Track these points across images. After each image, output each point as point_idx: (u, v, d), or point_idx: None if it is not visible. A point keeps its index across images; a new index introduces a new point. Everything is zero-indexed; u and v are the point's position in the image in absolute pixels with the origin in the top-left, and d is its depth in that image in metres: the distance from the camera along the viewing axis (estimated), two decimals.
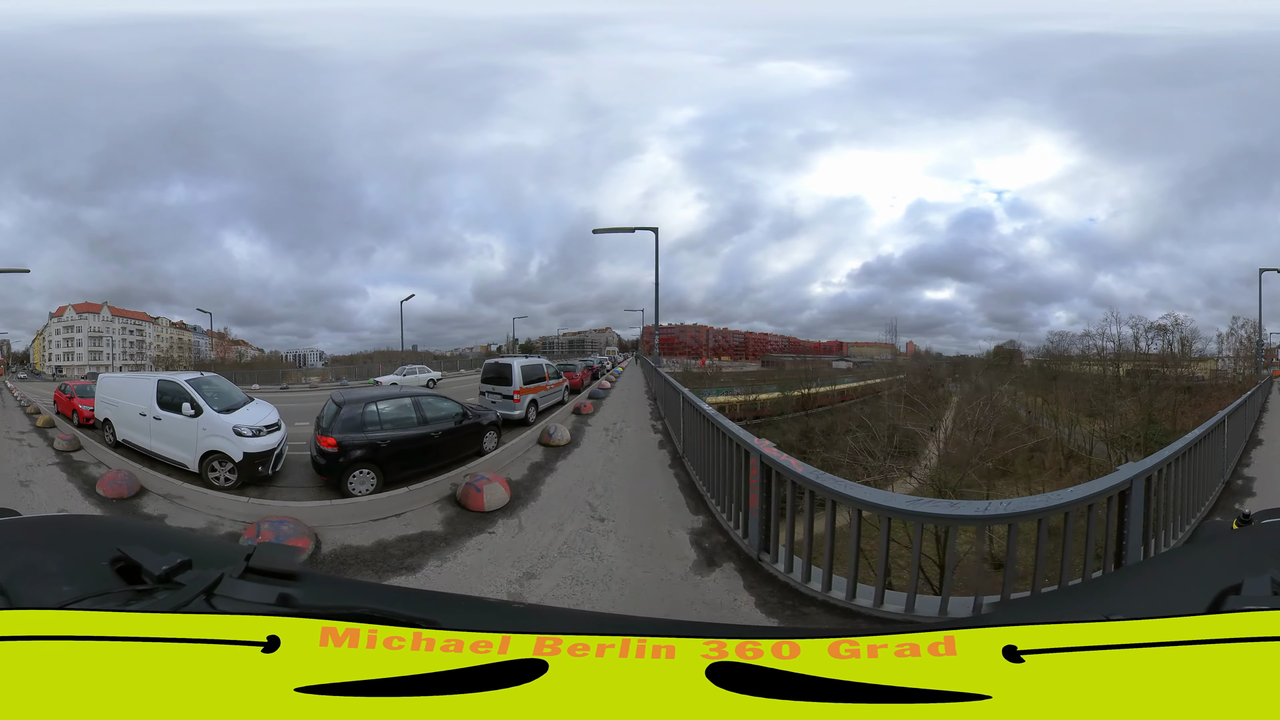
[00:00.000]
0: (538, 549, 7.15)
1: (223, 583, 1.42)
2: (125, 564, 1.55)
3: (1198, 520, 7.29)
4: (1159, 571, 1.89)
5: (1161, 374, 31.01)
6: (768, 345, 57.01)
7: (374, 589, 2.85)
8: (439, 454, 10.28)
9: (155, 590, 1.45)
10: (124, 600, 1.44)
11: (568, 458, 11.52)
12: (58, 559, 1.60)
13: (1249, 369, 25.53)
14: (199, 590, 1.39)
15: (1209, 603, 1.34)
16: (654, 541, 7.08)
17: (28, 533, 1.91)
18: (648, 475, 10.14)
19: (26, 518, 2.14)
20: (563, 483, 9.90)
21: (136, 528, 2.35)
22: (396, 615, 1.33)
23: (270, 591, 1.43)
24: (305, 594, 1.46)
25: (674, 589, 5.89)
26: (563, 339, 48.91)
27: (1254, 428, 12.18)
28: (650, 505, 8.47)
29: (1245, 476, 9.73)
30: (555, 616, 2.07)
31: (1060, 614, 1.39)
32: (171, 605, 1.34)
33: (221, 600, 1.38)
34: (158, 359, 29.57)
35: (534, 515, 8.39)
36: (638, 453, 12.17)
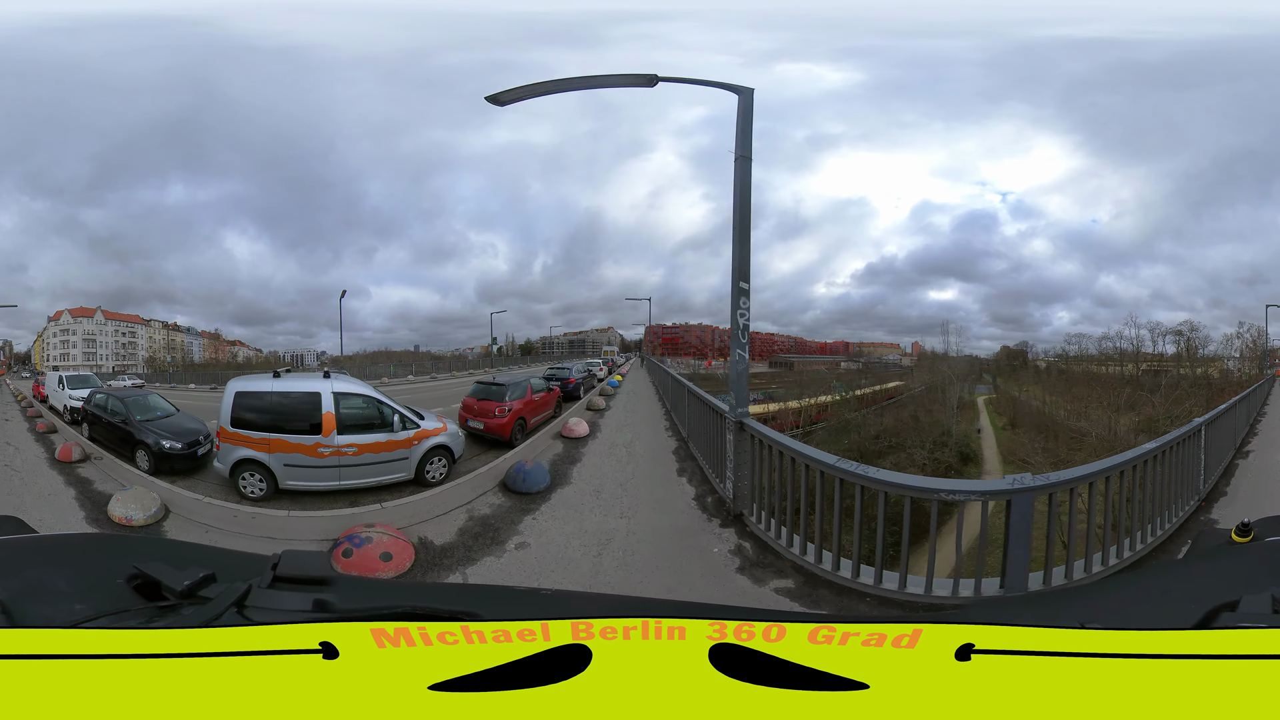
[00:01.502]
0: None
1: (252, 594, 1.39)
2: (143, 581, 1.52)
3: (1218, 474, 8.69)
4: (1149, 583, 1.89)
5: (1179, 373, 33.54)
6: (774, 345, 56.50)
7: (405, 587, 2.84)
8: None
9: (179, 606, 1.42)
10: (147, 618, 1.39)
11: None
12: (68, 576, 1.57)
13: (1254, 368, 29.71)
14: (229, 603, 1.35)
15: (1199, 618, 1.32)
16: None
17: (33, 550, 1.88)
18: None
19: (31, 535, 2.11)
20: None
21: (152, 543, 2.33)
22: (438, 611, 1.36)
23: (305, 599, 1.40)
24: (340, 598, 1.44)
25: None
26: (563, 339, 48.62)
27: (1257, 414, 14.57)
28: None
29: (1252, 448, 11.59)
30: (582, 601, 2.17)
31: (1034, 618, 1.43)
32: (202, 620, 1.30)
33: (254, 612, 1.35)
34: (148, 359, 30.14)
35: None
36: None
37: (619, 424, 13.49)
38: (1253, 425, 13.07)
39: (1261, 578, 1.52)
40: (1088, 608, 1.71)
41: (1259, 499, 8.07)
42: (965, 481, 8.94)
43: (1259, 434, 12.76)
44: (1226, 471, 9.18)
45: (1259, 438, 12.39)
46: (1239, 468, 9.69)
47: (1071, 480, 5.32)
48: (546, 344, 46.21)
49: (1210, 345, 32.87)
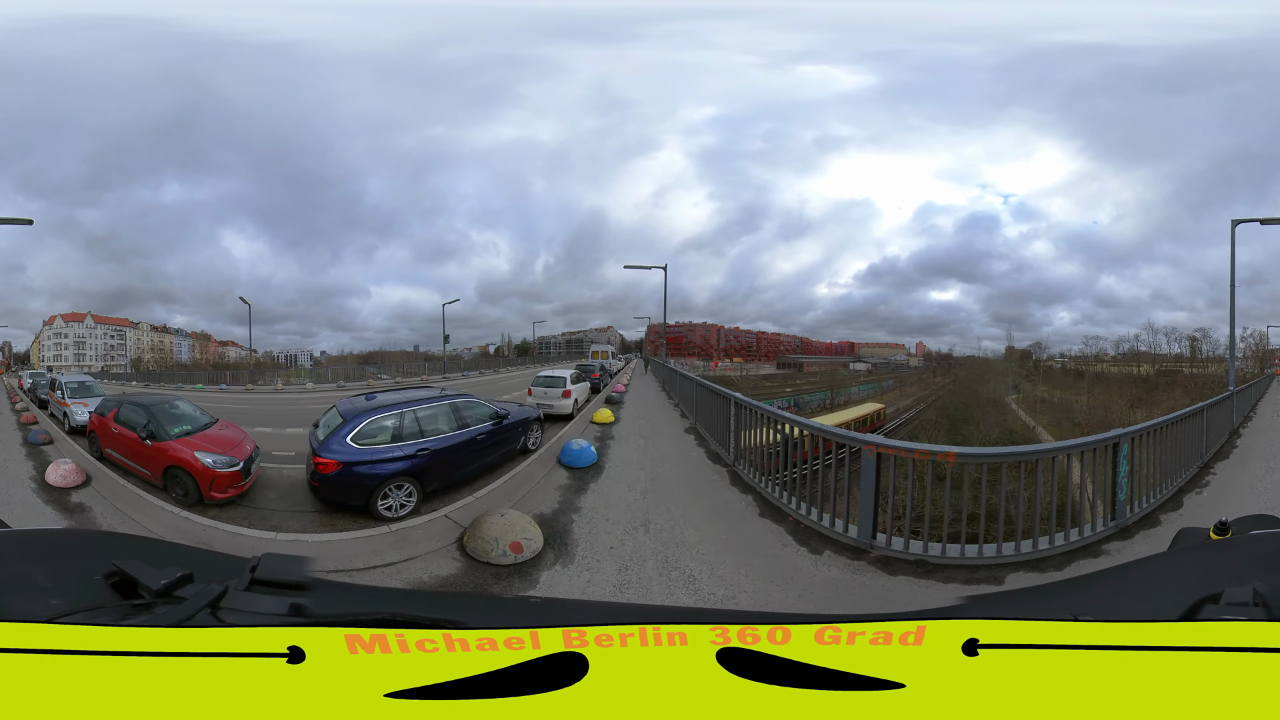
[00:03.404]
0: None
1: (228, 595, 1.40)
2: (120, 578, 1.54)
3: (1218, 445, 11.06)
4: (1136, 576, 1.90)
5: (1189, 373, 35.94)
6: (781, 346, 55.64)
7: (387, 593, 2.77)
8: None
9: (154, 605, 1.42)
10: (120, 615, 1.40)
11: None
12: (47, 571, 1.59)
13: (1256, 368, 33.62)
14: (203, 604, 1.36)
15: (1183, 610, 1.35)
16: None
17: (14, 545, 1.90)
18: None
19: (13, 530, 2.14)
20: None
21: (133, 541, 2.37)
22: (419, 618, 1.36)
23: (281, 603, 1.40)
24: (318, 603, 1.44)
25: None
26: (561, 339, 48.12)
27: (1256, 403, 18.01)
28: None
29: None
30: (575, 609, 2.11)
31: (1030, 610, 1.53)
32: (174, 620, 1.32)
33: (229, 613, 1.36)
34: (135, 360, 30.75)
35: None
36: None
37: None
38: (1247, 415, 15.73)
39: (1243, 570, 1.57)
40: (1078, 600, 1.73)
41: (1249, 459, 10.99)
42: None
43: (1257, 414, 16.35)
44: (1227, 443, 11.96)
45: (1257, 416, 16.08)
46: (1240, 436, 12.94)
47: (1140, 429, 7.85)
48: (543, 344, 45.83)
49: (1218, 349, 36.02)
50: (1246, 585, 1.37)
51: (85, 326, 31.51)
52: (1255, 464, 10.60)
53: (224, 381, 26.19)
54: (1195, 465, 9.63)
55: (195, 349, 32.57)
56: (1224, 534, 2.05)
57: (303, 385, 25.53)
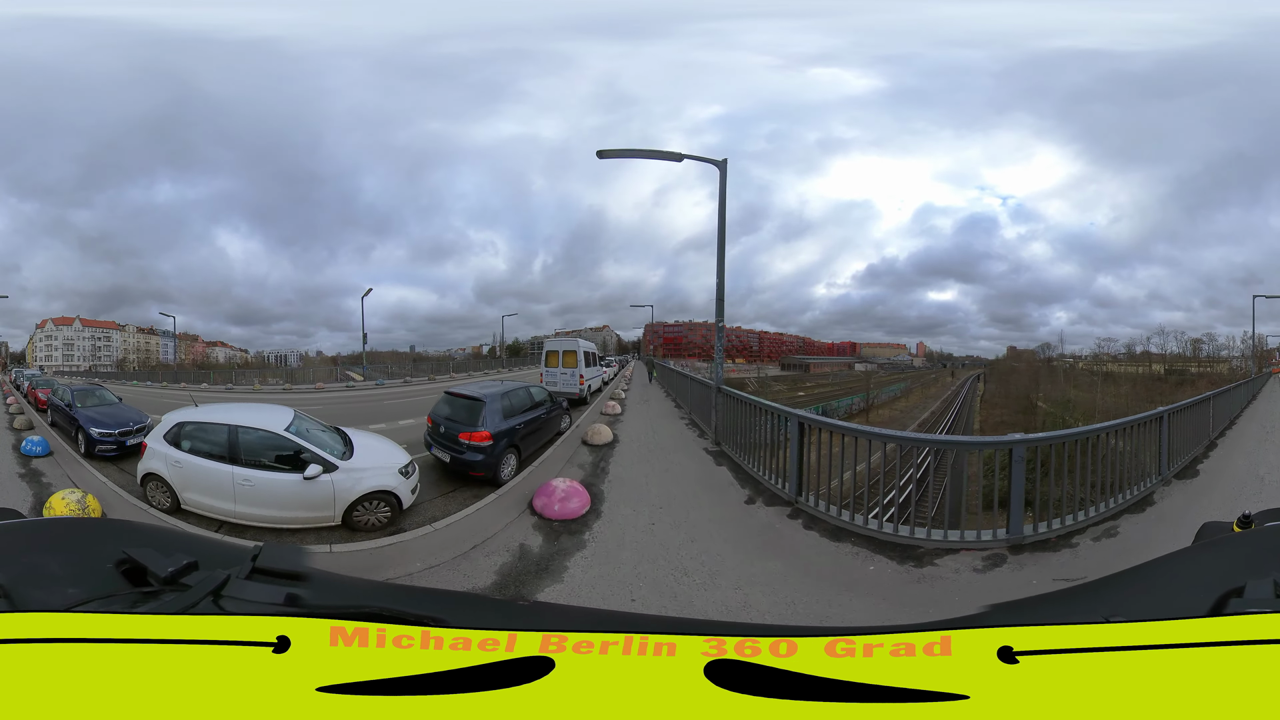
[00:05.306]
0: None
1: (230, 584, 1.43)
2: (131, 566, 1.58)
3: (1220, 429, 13.26)
4: (1161, 573, 1.87)
5: (1196, 371, 37.50)
6: (783, 346, 55.12)
7: (383, 588, 2.83)
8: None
9: (161, 592, 1.48)
10: (130, 603, 1.47)
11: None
12: (62, 561, 1.64)
13: (1256, 366, 34.40)
14: (206, 592, 1.40)
15: (1210, 605, 1.36)
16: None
17: (31, 535, 1.96)
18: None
19: (30, 520, 2.19)
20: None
21: (142, 529, 2.22)
22: (405, 614, 1.37)
23: (278, 592, 1.43)
24: (313, 594, 1.48)
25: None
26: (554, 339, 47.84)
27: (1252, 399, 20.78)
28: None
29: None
30: (560, 614, 2.17)
31: (1059, 615, 1.46)
32: (178, 607, 1.36)
33: (229, 601, 1.39)
34: (120, 361, 31.50)
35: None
36: None
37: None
38: (1245, 406, 18.74)
39: (1263, 562, 1.57)
40: (1108, 601, 1.70)
41: (1242, 440, 13.40)
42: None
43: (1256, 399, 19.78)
44: (1228, 428, 14.60)
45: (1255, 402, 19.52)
46: (1238, 424, 15.76)
47: (1176, 407, 10.48)
48: (535, 345, 45.44)
49: (1220, 350, 36.45)
50: (1267, 578, 1.38)
51: (73, 330, 32.17)
52: (1253, 426, 15.09)
53: (206, 381, 26.11)
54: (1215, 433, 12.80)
55: (181, 349, 32.95)
56: (1246, 527, 2.04)
57: (280, 385, 25.39)
